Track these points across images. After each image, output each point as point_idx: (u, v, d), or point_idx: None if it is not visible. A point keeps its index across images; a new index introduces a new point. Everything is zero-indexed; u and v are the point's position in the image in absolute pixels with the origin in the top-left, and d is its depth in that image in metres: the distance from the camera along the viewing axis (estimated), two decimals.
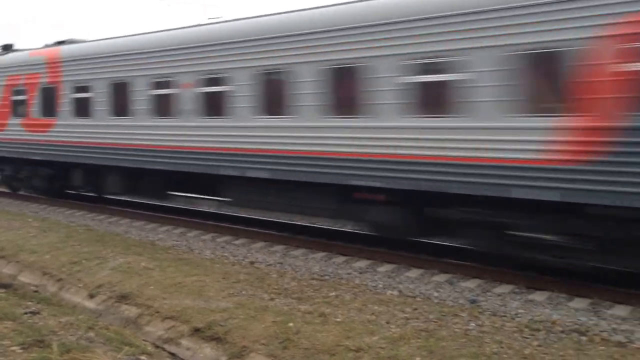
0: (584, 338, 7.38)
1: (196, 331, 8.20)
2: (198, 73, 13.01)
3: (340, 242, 12.27)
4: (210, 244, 12.84)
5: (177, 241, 13.12)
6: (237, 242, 12.89)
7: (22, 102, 18.19)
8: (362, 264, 10.90)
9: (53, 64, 17.04)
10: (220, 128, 12.64)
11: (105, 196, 17.91)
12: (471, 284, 9.62)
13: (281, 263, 11.09)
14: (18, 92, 18.33)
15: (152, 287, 9.77)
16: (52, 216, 16.60)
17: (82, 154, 16.16)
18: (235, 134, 12.33)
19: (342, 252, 11.63)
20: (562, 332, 7.56)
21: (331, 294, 9.15)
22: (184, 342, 8.17)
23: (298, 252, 11.90)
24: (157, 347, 8.08)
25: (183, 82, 13.29)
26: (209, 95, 12.85)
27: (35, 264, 11.86)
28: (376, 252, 11.35)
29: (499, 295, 9.07)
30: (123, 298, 9.63)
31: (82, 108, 16.01)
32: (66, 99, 16.54)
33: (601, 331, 7.58)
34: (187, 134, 13.31)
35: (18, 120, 18.35)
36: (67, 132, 16.58)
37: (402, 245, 11.72)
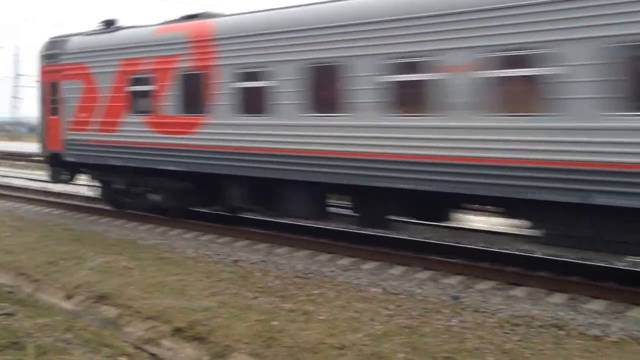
0: (562, 332, 7.45)
1: (178, 331, 8.10)
2: (484, 49, 8.84)
3: (324, 239, 12.23)
4: (192, 242, 12.72)
5: (158, 240, 12.97)
6: (220, 240, 12.79)
7: (146, 94, 13.58)
8: (346, 261, 10.88)
9: (202, 43, 12.44)
10: (534, 131, 8.48)
11: (241, 215, 14.31)
12: (454, 280, 9.64)
13: (265, 261, 11.01)
14: (139, 81, 13.69)
15: (132, 287, 9.65)
16: (28, 215, 16.32)
17: (252, 164, 11.73)
18: (571, 140, 8.24)
19: (327, 249, 11.58)
20: (541, 326, 7.62)
21: (315, 292, 9.12)
22: (165, 342, 8.06)
23: (282, 250, 11.84)
24: (137, 348, 7.96)
25: (451, 62, 9.17)
26: (509, 81, 8.72)
27: (11, 265, 11.64)
28: (360, 249, 11.32)
29: (480, 291, 9.11)
30: (102, 298, 9.49)
31: (253, 102, 11.64)
32: (224, 89, 12.04)
33: (578, 325, 7.65)
34: (459, 138, 9.17)
35: (139, 119, 13.77)
36: (224, 134, 12.13)
37: (386, 243, 11.72)
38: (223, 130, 12.18)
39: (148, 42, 13.59)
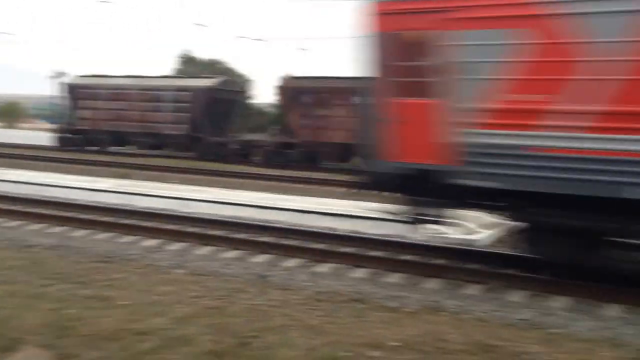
0: (363, 306, 7.84)
1: None
2: None
3: (129, 220, 11.69)
4: None
5: None
6: (10, 224, 11.68)
7: None
8: (152, 243, 10.54)
9: None
10: None
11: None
12: (261, 259, 9.77)
13: (61, 245, 10.28)
14: None
15: None
16: None
17: None
18: None
19: (131, 232, 11.09)
20: (344, 301, 7.96)
21: (117, 276, 8.67)
22: None
23: (81, 232, 11.15)
24: None
25: None
26: None
27: None
28: (166, 230, 11.02)
29: (287, 269, 9.32)
30: None
31: None
32: None
33: (378, 298, 8.13)
34: None
35: None
36: None
37: (192, 223, 11.53)
38: None
39: None
